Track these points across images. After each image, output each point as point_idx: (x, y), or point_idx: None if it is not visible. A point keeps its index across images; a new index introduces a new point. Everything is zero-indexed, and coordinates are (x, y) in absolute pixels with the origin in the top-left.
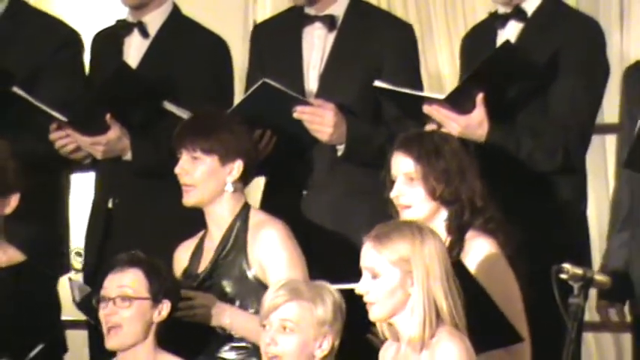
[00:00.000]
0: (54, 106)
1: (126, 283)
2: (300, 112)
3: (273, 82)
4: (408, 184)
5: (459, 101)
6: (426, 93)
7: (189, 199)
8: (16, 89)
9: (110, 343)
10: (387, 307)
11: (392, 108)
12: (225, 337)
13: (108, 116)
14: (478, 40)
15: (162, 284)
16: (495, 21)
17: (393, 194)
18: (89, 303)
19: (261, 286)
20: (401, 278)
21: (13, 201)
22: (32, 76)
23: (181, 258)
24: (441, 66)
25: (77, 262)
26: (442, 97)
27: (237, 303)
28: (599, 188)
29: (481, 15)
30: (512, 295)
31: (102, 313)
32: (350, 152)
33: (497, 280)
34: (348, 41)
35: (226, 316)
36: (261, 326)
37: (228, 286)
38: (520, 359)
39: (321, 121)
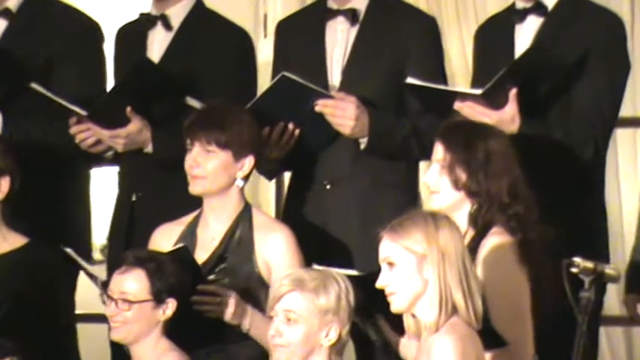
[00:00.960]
0: (72, 95)
1: (127, 287)
2: (321, 106)
3: (292, 75)
4: (438, 172)
5: (492, 96)
6: (461, 88)
7: (196, 188)
8: (34, 85)
9: (114, 336)
10: (407, 296)
11: (418, 104)
12: (241, 335)
13: (128, 109)
14: (494, 33)
15: (165, 284)
16: (513, 15)
17: (424, 179)
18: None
19: (263, 286)
20: (417, 263)
21: (4, 185)
22: (50, 66)
23: (161, 242)
24: (451, 59)
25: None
26: (478, 92)
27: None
28: (609, 183)
29: (492, 8)
30: (513, 297)
31: (106, 311)
32: (373, 145)
33: (499, 280)
34: (370, 35)
35: (247, 316)
36: (268, 317)
37: (231, 283)
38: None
39: (342, 114)
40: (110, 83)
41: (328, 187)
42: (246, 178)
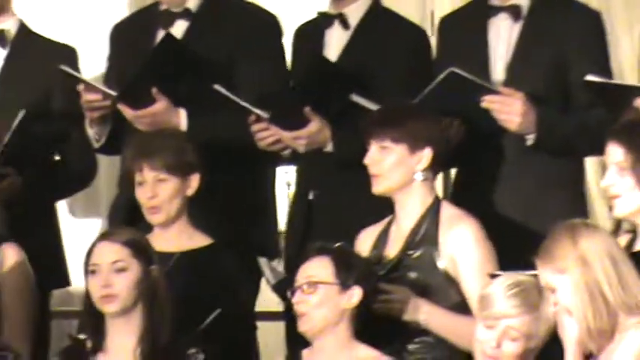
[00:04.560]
0: (256, 92)
1: (311, 271)
2: (488, 101)
3: (461, 71)
4: (618, 174)
5: None
6: None
7: (377, 187)
8: (217, 87)
9: (301, 327)
10: (579, 317)
11: (595, 99)
12: (417, 331)
13: (307, 109)
14: None
15: (351, 270)
16: None
17: (603, 183)
18: (285, 285)
19: (449, 281)
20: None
21: (194, 181)
22: (232, 63)
23: (364, 244)
24: (621, 55)
25: None
26: None
27: (425, 296)
28: None
29: None
30: None
31: (294, 303)
32: (540, 141)
33: None
34: (534, 31)
35: (423, 312)
36: (482, 321)
37: (415, 279)
38: None
39: (509, 110)
40: None
41: (495, 183)
42: (429, 171)
